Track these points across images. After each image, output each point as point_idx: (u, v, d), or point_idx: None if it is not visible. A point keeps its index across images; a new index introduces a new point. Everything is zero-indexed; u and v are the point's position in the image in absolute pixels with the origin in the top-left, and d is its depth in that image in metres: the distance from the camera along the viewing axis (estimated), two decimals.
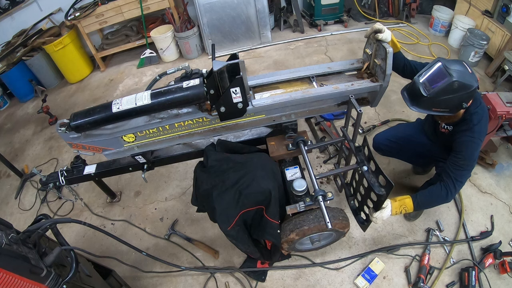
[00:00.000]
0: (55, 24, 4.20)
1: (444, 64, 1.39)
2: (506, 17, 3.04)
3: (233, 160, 1.66)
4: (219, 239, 2.20)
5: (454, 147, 1.55)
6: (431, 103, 1.43)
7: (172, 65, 4.21)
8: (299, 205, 1.52)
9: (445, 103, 1.41)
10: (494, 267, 1.90)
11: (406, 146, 2.00)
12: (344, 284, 1.92)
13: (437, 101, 1.40)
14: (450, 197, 1.53)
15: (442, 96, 1.38)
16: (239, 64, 1.31)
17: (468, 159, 1.49)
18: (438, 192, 1.54)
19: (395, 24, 4.27)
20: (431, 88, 1.39)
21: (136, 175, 2.65)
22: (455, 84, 1.34)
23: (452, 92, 1.36)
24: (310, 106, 1.60)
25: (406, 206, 1.58)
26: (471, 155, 1.49)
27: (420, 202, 1.58)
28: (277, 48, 4.18)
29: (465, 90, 1.36)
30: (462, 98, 1.39)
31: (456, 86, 1.35)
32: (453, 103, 1.41)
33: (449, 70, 1.36)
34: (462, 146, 1.50)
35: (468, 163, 1.49)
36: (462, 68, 1.37)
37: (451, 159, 1.54)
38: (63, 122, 1.45)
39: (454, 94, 1.37)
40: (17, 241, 1.04)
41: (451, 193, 1.52)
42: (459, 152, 1.51)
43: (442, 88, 1.36)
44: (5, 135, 3.70)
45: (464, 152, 1.49)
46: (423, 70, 1.47)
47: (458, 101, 1.40)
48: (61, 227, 1.55)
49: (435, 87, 1.38)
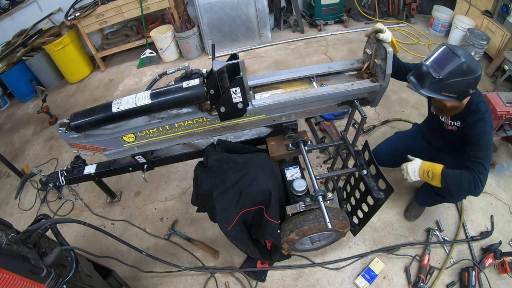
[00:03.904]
0: (55, 24, 4.20)
1: (451, 47, 1.39)
2: (506, 17, 3.04)
3: (233, 160, 1.66)
4: (219, 239, 2.20)
5: (470, 140, 1.51)
6: (441, 86, 1.40)
7: (172, 65, 4.21)
8: (299, 205, 1.52)
9: (454, 87, 1.40)
10: (494, 267, 1.90)
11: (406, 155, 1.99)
12: (344, 284, 1.92)
13: (447, 83, 1.38)
14: (479, 191, 1.49)
15: (452, 79, 1.37)
16: (239, 64, 1.30)
17: (487, 149, 1.46)
18: (468, 181, 1.48)
19: (395, 24, 4.27)
20: (440, 70, 1.38)
21: (136, 175, 2.65)
22: (464, 66, 1.33)
23: (461, 74, 1.35)
24: (310, 106, 1.60)
25: (435, 170, 1.54)
26: (489, 144, 1.46)
27: (448, 177, 1.52)
28: (277, 48, 4.18)
29: (472, 75, 1.36)
30: (469, 83, 1.38)
31: (465, 68, 1.34)
32: (461, 87, 1.40)
33: (457, 52, 1.36)
34: (479, 137, 1.47)
35: (487, 153, 1.46)
36: (467, 53, 1.38)
37: (471, 154, 1.50)
38: (63, 122, 1.44)
39: (463, 77, 1.36)
40: (17, 241, 1.04)
41: (479, 187, 1.47)
42: (476, 143, 1.48)
43: (452, 69, 1.35)
44: (5, 135, 3.70)
45: (482, 143, 1.46)
46: (430, 55, 1.45)
47: (465, 86, 1.39)
48: (61, 227, 1.56)
49: (445, 69, 1.36)
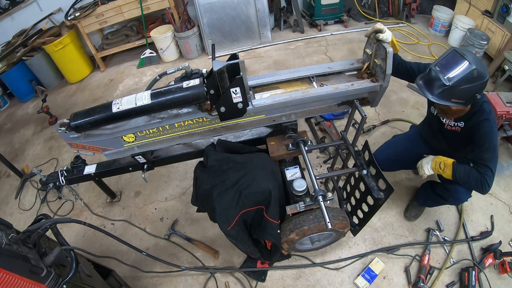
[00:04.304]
0: (55, 24, 4.20)
1: (461, 52, 1.36)
2: (506, 17, 3.04)
3: (233, 160, 1.66)
4: (219, 239, 2.20)
5: (476, 141, 1.50)
6: (451, 93, 1.38)
7: (172, 65, 4.21)
8: (299, 205, 1.52)
9: (464, 93, 1.37)
10: (494, 267, 1.90)
11: (406, 159, 1.99)
12: (344, 284, 1.92)
13: (457, 90, 1.36)
14: (485, 191, 1.51)
15: (463, 85, 1.34)
16: (239, 64, 1.30)
17: (493, 151, 1.46)
18: (475, 179, 1.48)
19: (395, 24, 4.27)
20: (450, 77, 1.35)
21: (136, 175, 2.65)
22: (474, 72, 1.31)
23: (471, 81, 1.33)
24: (310, 106, 1.60)
25: (446, 161, 1.57)
26: (495, 145, 1.46)
27: (458, 171, 1.53)
28: (277, 48, 4.18)
29: (481, 80, 1.34)
30: (477, 88, 1.36)
31: (476, 75, 1.32)
32: (470, 93, 1.38)
33: (467, 58, 1.33)
34: (485, 138, 1.46)
35: (493, 154, 1.46)
36: (476, 57, 1.36)
37: (477, 155, 1.49)
38: (63, 122, 1.44)
39: (473, 84, 1.34)
40: (17, 241, 1.04)
41: (485, 188, 1.48)
42: (482, 145, 1.47)
43: (463, 76, 1.33)
44: (5, 135, 3.70)
45: (488, 144, 1.46)
46: (439, 59, 1.42)
47: (474, 92, 1.37)
48: (61, 227, 1.55)
49: (456, 76, 1.34)
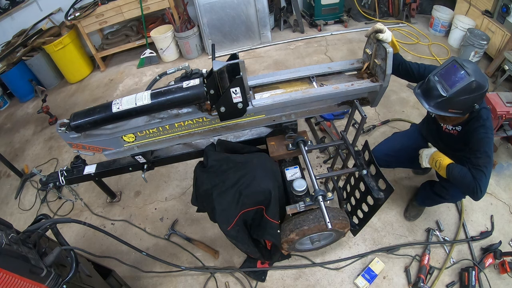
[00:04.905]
0: (55, 24, 4.20)
1: (461, 63, 1.36)
2: (506, 17, 3.05)
3: (233, 160, 1.66)
4: (219, 239, 2.20)
5: (471, 146, 1.51)
6: (449, 104, 1.38)
7: (172, 65, 4.21)
8: (299, 205, 1.52)
9: (461, 104, 1.38)
10: (494, 267, 1.90)
11: (405, 155, 1.98)
12: (344, 284, 1.92)
13: (455, 101, 1.36)
14: (478, 197, 1.48)
15: (461, 97, 1.35)
16: (239, 64, 1.30)
17: (487, 156, 1.46)
18: (468, 183, 1.47)
19: (395, 24, 4.27)
20: (449, 88, 1.36)
21: (136, 175, 2.65)
22: (473, 84, 1.31)
23: (470, 92, 1.33)
24: (310, 106, 1.60)
25: (442, 162, 1.56)
26: (489, 151, 1.46)
27: (452, 173, 1.52)
28: (277, 48, 4.18)
29: (480, 91, 1.34)
30: (476, 99, 1.36)
31: (474, 86, 1.32)
32: (468, 104, 1.38)
33: (467, 70, 1.33)
34: (480, 144, 1.47)
35: (487, 160, 1.46)
36: (476, 68, 1.35)
37: (472, 160, 1.49)
38: (63, 122, 1.44)
39: (471, 95, 1.34)
40: (17, 241, 1.04)
41: (477, 194, 1.46)
42: (477, 151, 1.48)
43: (461, 88, 1.33)
44: (5, 135, 3.70)
45: (483, 150, 1.46)
46: (438, 69, 1.43)
47: (472, 102, 1.38)
48: (61, 227, 1.56)
49: (454, 87, 1.34)
